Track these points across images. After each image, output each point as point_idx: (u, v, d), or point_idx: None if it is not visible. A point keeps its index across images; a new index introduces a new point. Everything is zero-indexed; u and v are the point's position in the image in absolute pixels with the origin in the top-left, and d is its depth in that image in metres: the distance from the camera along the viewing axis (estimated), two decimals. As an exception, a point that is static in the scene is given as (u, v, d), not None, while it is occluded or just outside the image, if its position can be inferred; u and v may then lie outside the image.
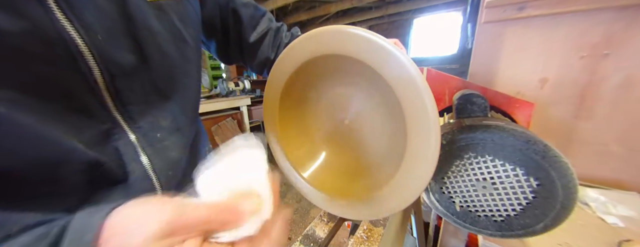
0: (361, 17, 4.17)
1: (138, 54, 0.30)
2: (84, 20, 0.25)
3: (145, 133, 0.33)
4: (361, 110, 0.38)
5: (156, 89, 0.34)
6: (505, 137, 0.31)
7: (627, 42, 0.53)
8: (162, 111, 0.35)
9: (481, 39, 0.67)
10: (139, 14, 0.29)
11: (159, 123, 0.34)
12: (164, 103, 0.35)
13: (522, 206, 0.31)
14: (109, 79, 0.28)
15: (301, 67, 0.36)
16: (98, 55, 0.26)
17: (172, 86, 0.36)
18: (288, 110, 0.42)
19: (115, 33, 0.28)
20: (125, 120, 0.31)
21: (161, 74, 0.34)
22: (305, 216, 2.11)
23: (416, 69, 0.25)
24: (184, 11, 0.36)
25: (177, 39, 0.35)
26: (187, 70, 0.38)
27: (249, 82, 3.56)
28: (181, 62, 0.36)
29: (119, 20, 0.28)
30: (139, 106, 0.32)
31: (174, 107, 0.36)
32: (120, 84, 0.29)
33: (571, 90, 0.60)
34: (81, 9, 0.24)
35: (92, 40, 0.25)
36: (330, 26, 0.30)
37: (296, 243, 0.67)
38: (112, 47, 0.27)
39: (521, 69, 0.64)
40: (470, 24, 2.10)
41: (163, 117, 0.35)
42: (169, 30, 0.33)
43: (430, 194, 0.38)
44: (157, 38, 0.32)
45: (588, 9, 0.54)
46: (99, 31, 0.26)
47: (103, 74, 0.27)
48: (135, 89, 0.31)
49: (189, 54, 0.38)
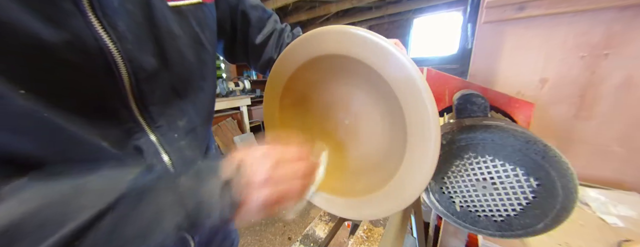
0: (361, 17, 4.17)
1: (160, 58, 0.32)
2: (118, 30, 0.26)
3: (164, 133, 0.34)
4: (361, 111, 0.38)
5: (174, 91, 0.35)
6: (505, 137, 0.31)
7: (627, 42, 0.53)
8: (178, 112, 0.36)
9: (481, 39, 0.67)
10: (162, 20, 0.31)
11: (175, 123, 0.36)
12: (180, 104, 0.36)
13: (522, 206, 0.31)
14: (134, 83, 0.29)
15: (301, 67, 0.36)
16: (128, 62, 0.28)
17: (189, 88, 0.37)
18: (288, 110, 0.42)
19: (141, 38, 0.29)
20: (145, 121, 0.32)
21: (179, 76, 0.35)
22: (305, 216, 2.10)
23: (416, 69, 0.25)
24: (202, 16, 0.37)
25: (195, 43, 0.36)
26: (203, 73, 0.40)
27: (249, 82, 3.56)
28: (198, 65, 0.38)
29: (145, 25, 0.29)
30: (159, 107, 0.33)
31: (189, 109, 0.38)
32: (143, 86, 0.30)
33: (571, 90, 0.60)
34: (115, 19, 0.26)
35: (124, 48, 0.27)
36: (330, 26, 0.30)
37: (296, 243, 0.67)
38: (139, 52, 0.29)
39: (521, 69, 0.64)
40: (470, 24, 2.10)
41: (179, 118, 0.36)
42: (188, 35, 0.35)
43: (430, 194, 0.38)
44: (177, 42, 0.33)
45: (588, 9, 0.54)
46: (130, 39, 0.28)
47: (130, 78, 0.29)
48: (156, 91, 0.32)
49: (206, 57, 0.39)
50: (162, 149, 0.34)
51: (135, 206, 0.23)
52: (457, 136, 0.33)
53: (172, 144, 0.35)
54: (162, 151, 0.34)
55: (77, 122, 0.26)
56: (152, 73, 0.31)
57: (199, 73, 0.39)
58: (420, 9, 4.15)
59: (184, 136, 0.37)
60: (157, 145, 0.34)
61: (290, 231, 1.92)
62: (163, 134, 0.34)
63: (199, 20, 0.36)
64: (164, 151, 0.34)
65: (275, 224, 2.01)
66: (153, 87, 0.32)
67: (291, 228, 1.95)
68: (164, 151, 0.34)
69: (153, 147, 0.33)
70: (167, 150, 0.34)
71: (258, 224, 2.01)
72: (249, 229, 1.96)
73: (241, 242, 1.81)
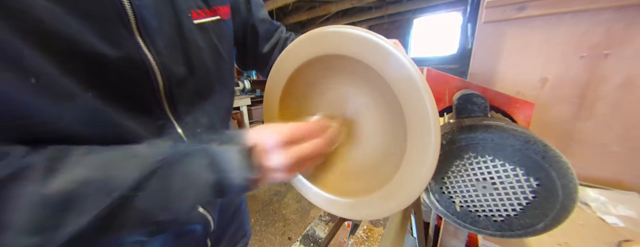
0: (361, 17, 4.17)
1: (187, 66, 0.38)
2: (157, 46, 0.33)
3: (189, 128, 0.40)
4: (361, 111, 0.38)
5: (197, 94, 0.41)
6: (505, 137, 0.31)
7: (627, 42, 0.53)
8: (201, 111, 0.42)
9: (481, 39, 0.67)
10: (190, 35, 0.38)
11: (198, 120, 0.42)
12: (203, 105, 0.42)
13: (522, 206, 0.31)
14: (168, 87, 0.36)
15: (301, 67, 0.36)
16: (163, 70, 0.34)
17: (209, 92, 0.44)
18: (288, 110, 0.42)
19: (174, 51, 0.36)
20: (175, 118, 0.38)
21: (202, 81, 0.42)
22: (305, 216, 2.11)
23: (416, 69, 0.25)
24: (221, 31, 0.44)
25: (214, 54, 0.43)
26: (222, 79, 0.47)
27: (249, 82, 3.56)
28: (216, 72, 0.44)
29: (176, 40, 0.36)
30: (185, 107, 0.39)
31: (210, 109, 0.44)
32: (174, 90, 0.37)
33: (571, 90, 0.60)
34: (155, 39, 0.33)
35: (161, 60, 0.34)
36: (330, 26, 0.30)
37: (296, 243, 0.67)
38: (171, 63, 0.36)
39: (521, 69, 0.64)
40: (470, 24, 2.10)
41: (201, 116, 0.42)
42: (209, 47, 0.42)
43: (430, 194, 0.38)
44: (201, 53, 0.40)
45: (588, 9, 0.54)
46: (164, 52, 0.34)
47: (164, 83, 0.35)
48: (183, 94, 0.38)
49: (223, 65, 0.46)
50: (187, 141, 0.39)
51: (176, 167, 0.27)
52: (457, 136, 0.33)
53: (196, 137, 0.40)
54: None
55: (127, 119, 0.32)
56: (181, 79, 0.37)
57: (218, 79, 0.45)
58: (420, 9, 4.15)
59: (205, 130, 0.42)
60: (183, 137, 0.39)
61: (290, 231, 1.92)
62: (188, 129, 0.40)
63: (218, 35, 0.43)
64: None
65: (275, 224, 2.01)
66: (181, 91, 0.38)
67: (291, 228, 1.95)
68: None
69: (180, 139, 0.39)
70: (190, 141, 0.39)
71: (258, 224, 2.02)
72: (249, 229, 1.96)
73: (241, 242, 1.80)
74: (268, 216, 2.11)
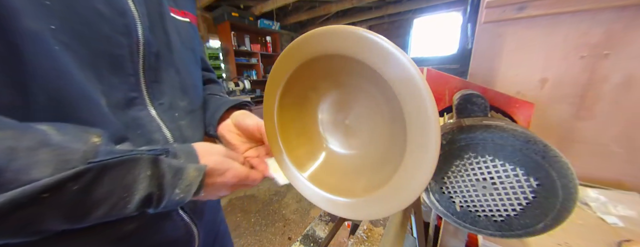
0: (361, 17, 4.17)
1: (167, 45, 0.38)
2: (141, 8, 0.34)
3: (165, 110, 0.38)
4: (361, 111, 0.38)
5: (177, 73, 0.41)
6: (505, 137, 0.31)
7: (627, 42, 0.53)
8: (180, 93, 0.41)
9: (481, 39, 0.67)
10: (169, 20, 0.39)
11: (177, 103, 0.40)
12: (182, 86, 0.42)
13: (522, 206, 0.31)
14: (146, 53, 0.35)
15: (301, 67, 0.36)
16: (144, 32, 0.34)
17: (189, 74, 0.44)
18: (288, 110, 0.42)
19: (155, 23, 0.37)
20: (149, 94, 0.36)
21: (180, 67, 0.41)
22: (305, 216, 2.10)
23: (416, 69, 0.25)
24: (191, 33, 0.46)
25: (189, 51, 0.44)
26: (197, 77, 0.48)
27: (248, 82, 3.56)
28: (193, 68, 0.46)
29: (157, 18, 0.37)
30: (162, 85, 0.38)
31: (190, 91, 0.44)
32: (152, 60, 0.36)
33: (571, 90, 0.60)
34: (140, 2, 0.34)
35: (143, 21, 0.34)
36: (330, 26, 0.30)
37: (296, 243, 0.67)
38: (152, 30, 0.36)
39: (521, 69, 0.64)
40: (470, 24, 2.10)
41: (180, 99, 0.41)
42: (183, 42, 0.43)
43: (430, 194, 0.38)
44: (177, 42, 0.41)
45: (588, 9, 0.54)
46: (147, 18, 0.34)
47: (144, 48, 0.34)
48: (161, 68, 0.38)
49: (195, 65, 0.47)
50: (163, 124, 0.37)
51: (108, 172, 0.23)
52: (457, 136, 0.33)
53: (173, 122, 0.39)
54: (164, 126, 0.37)
55: (87, 71, 0.28)
56: (159, 53, 0.37)
57: (195, 74, 0.46)
58: (420, 9, 4.15)
59: (184, 115, 0.41)
60: (159, 120, 0.37)
61: (290, 231, 1.92)
62: (164, 111, 0.38)
63: (189, 35, 0.45)
64: (165, 126, 0.38)
65: (275, 224, 2.01)
66: (159, 65, 0.37)
67: (291, 228, 1.95)
68: (166, 127, 0.38)
69: (155, 122, 0.37)
70: (168, 127, 0.38)
71: (258, 224, 2.02)
72: (248, 229, 1.96)
73: (241, 242, 1.81)
74: (268, 216, 2.11)
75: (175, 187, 0.27)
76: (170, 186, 0.27)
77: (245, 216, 2.12)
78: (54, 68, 0.25)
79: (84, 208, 0.22)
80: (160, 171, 0.26)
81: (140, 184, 0.25)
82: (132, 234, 0.35)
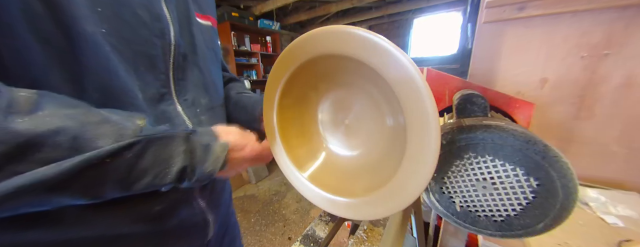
0: (361, 17, 4.16)
1: (192, 46, 0.43)
2: (173, 12, 0.38)
3: (188, 106, 0.42)
4: (361, 111, 0.38)
5: (201, 73, 0.45)
6: (505, 137, 0.31)
7: (627, 42, 0.53)
8: (202, 91, 0.45)
9: (481, 39, 0.67)
10: (195, 24, 0.43)
11: (199, 101, 0.44)
12: (204, 85, 0.46)
13: (522, 206, 0.31)
14: (177, 54, 0.39)
15: (301, 67, 0.36)
16: (176, 34, 0.38)
17: (210, 74, 0.47)
18: (288, 110, 0.42)
19: (183, 25, 0.41)
20: (176, 91, 0.40)
21: (203, 66, 0.45)
22: (305, 216, 2.11)
23: (416, 69, 0.25)
24: (213, 37, 0.50)
25: (211, 52, 0.48)
26: (218, 77, 0.52)
27: (249, 82, 3.56)
28: (214, 68, 0.49)
29: (184, 21, 0.41)
30: (188, 83, 0.42)
31: (211, 90, 0.47)
32: (180, 60, 0.40)
33: (571, 90, 0.60)
34: (172, 6, 0.38)
35: (175, 26, 0.38)
36: (330, 26, 0.30)
37: (296, 243, 0.67)
38: (182, 34, 0.40)
39: (521, 69, 0.64)
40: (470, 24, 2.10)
41: (202, 97, 0.45)
42: (206, 43, 0.47)
43: (430, 194, 0.38)
44: (202, 44, 0.45)
45: (588, 9, 0.54)
46: (177, 22, 0.39)
47: (175, 49, 0.38)
48: (187, 69, 0.42)
49: (216, 66, 0.51)
50: (187, 119, 0.41)
51: (152, 146, 0.28)
52: (457, 136, 0.33)
53: (195, 117, 0.43)
54: (187, 120, 0.41)
55: (129, 69, 0.33)
56: (186, 54, 0.41)
57: (216, 74, 0.49)
58: (420, 9, 4.15)
59: (204, 111, 0.45)
60: (183, 115, 0.41)
61: (290, 231, 1.92)
62: (188, 107, 0.42)
63: (211, 38, 0.49)
64: (188, 121, 0.42)
65: (275, 224, 2.01)
66: (185, 64, 0.41)
67: (291, 228, 1.95)
68: (189, 121, 0.42)
69: (180, 116, 0.40)
70: (191, 121, 0.42)
71: (258, 224, 2.02)
72: (249, 229, 1.96)
73: (241, 242, 1.80)
74: (268, 216, 2.11)
75: (205, 161, 0.32)
76: (201, 160, 0.32)
77: (245, 216, 2.12)
78: (105, 66, 0.30)
79: (135, 175, 0.27)
80: (192, 146, 0.31)
81: (177, 157, 0.30)
82: (157, 215, 0.39)
